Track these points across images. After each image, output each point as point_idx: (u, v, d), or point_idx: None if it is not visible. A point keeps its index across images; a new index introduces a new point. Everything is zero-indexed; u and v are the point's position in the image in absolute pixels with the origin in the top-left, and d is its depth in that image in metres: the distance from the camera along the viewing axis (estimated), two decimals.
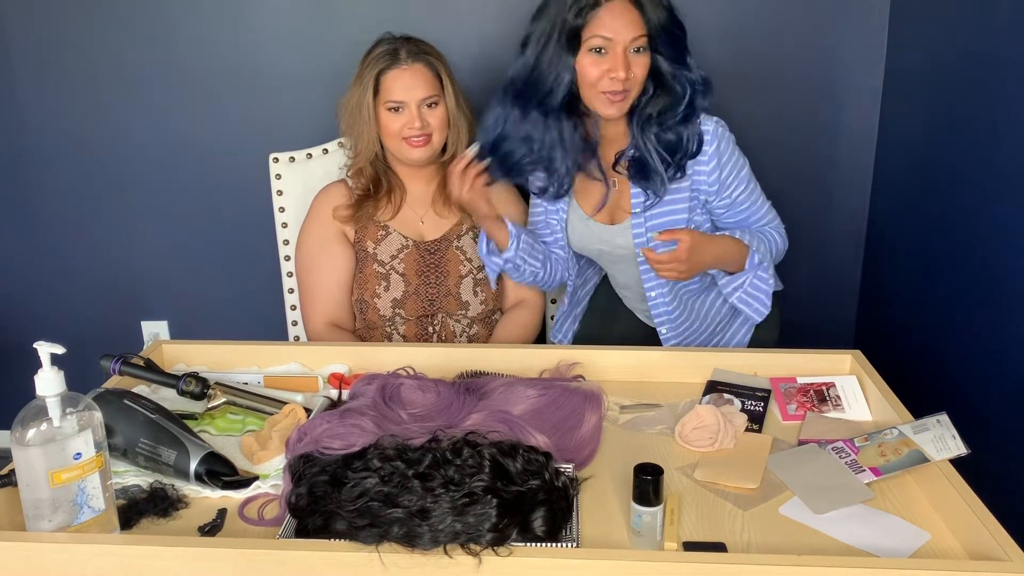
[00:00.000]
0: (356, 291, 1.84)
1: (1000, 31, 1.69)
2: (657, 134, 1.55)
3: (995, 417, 1.68)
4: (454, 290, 1.83)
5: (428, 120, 1.75)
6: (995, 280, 1.70)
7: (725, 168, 1.61)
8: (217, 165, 2.39)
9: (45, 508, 1.03)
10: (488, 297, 1.85)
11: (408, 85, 1.73)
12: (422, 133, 1.74)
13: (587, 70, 1.51)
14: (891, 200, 2.23)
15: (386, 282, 1.81)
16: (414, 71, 1.74)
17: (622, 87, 1.50)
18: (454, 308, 1.83)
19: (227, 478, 1.18)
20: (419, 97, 1.73)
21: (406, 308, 1.81)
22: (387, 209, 1.84)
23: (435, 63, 1.77)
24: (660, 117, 1.55)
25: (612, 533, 1.10)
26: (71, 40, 2.30)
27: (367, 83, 1.74)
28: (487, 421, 1.24)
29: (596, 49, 1.49)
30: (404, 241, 1.83)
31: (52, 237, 2.49)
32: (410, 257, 1.82)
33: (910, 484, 1.19)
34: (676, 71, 1.52)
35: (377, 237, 1.83)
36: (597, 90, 1.51)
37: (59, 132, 2.39)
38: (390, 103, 1.73)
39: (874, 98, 2.25)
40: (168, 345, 1.59)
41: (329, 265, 1.84)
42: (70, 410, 1.03)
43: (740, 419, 1.33)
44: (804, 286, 2.29)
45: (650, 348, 1.57)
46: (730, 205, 1.64)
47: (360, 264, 1.84)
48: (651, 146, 1.56)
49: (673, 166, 1.57)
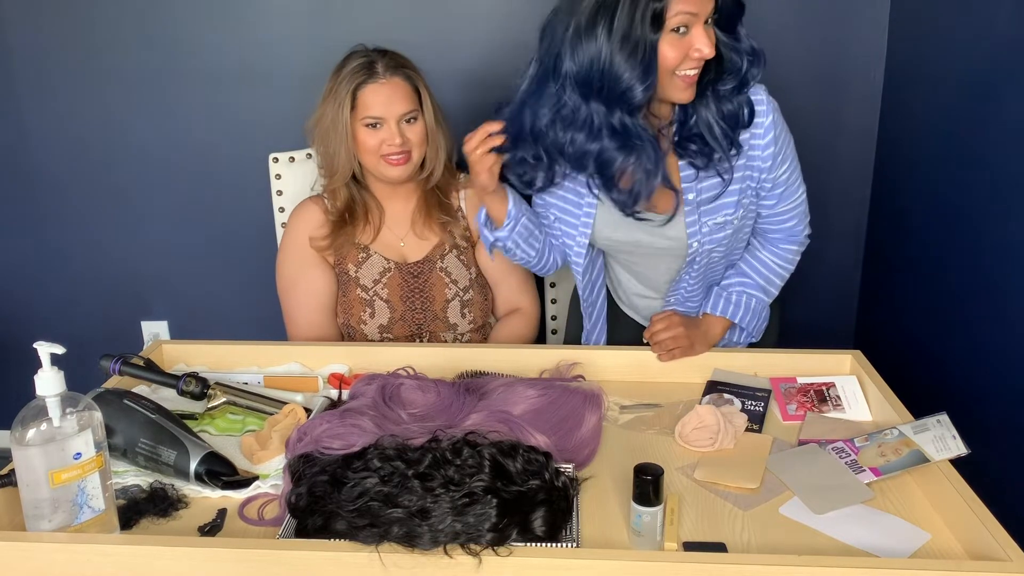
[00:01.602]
0: (342, 315, 1.80)
1: (1000, 31, 1.69)
2: (716, 108, 1.43)
3: (995, 417, 1.68)
4: (441, 314, 1.79)
5: (407, 136, 1.70)
6: (995, 280, 1.70)
7: (780, 139, 1.49)
8: (217, 165, 2.39)
9: (45, 508, 1.03)
10: (476, 316, 1.82)
11: (387, 100, 1.67)
12: (402, 150, 1.69)
13: (667, 54, 1.33)
14: (891, 200, 2.23)
15: (371, 308, 1.77)
16: (392, 85, 1.68)
17: (699, 64, 1.35)
18: (442, 330, 1.80)
19: (227, 478, 1.18)
20: (398, 112, 1.68)
21: (393, 332, 1.79)
22: (366, 231, 1.79)
23: (413, 76, 1.72)
24: (715, 91, 1.43)
25: (612, 533, 1.10)
26: (72, 40, 2.31)
27: (343, 99, 1.68)
28: (487, 421, 1.24)
29: (677, 29, 1.32)
30: (386, 264, 1.78)
31: (52, 237, 2.49)
32: (393, 281, 1.78)
33: (910, 484, 1.19)
34: (731, 42, 1.39)
35: (358, 260, 1.78)
36: (675, 75, 1.36)
37: (59, 132, 2.39)
38: (368, 119, 1.68)
39: (874, 98, 2.25)
40: (168, 345, 1.59)
41: (308, 290, 1.78)
42: (70, 410, 1.03)
43: (740, 419, 1.33)
44: (804, 286, 2.29)
45: (650, 348, 1.57)
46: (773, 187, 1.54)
47: (343, 287, 1.79)
48: (712, 119, 1.43)
49: (730, 140, 1.46)
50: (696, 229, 1.53)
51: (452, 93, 1.81)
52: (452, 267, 1.81)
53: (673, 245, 1.57)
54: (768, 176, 1.52)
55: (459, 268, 1.81)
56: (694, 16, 1.32)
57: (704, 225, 1.53)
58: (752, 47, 1.42)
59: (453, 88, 1.95)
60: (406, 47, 1.78)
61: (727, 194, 1.51)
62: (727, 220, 1.53)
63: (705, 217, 1.53)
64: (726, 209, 1.52)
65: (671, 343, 1.52)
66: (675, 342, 1.52)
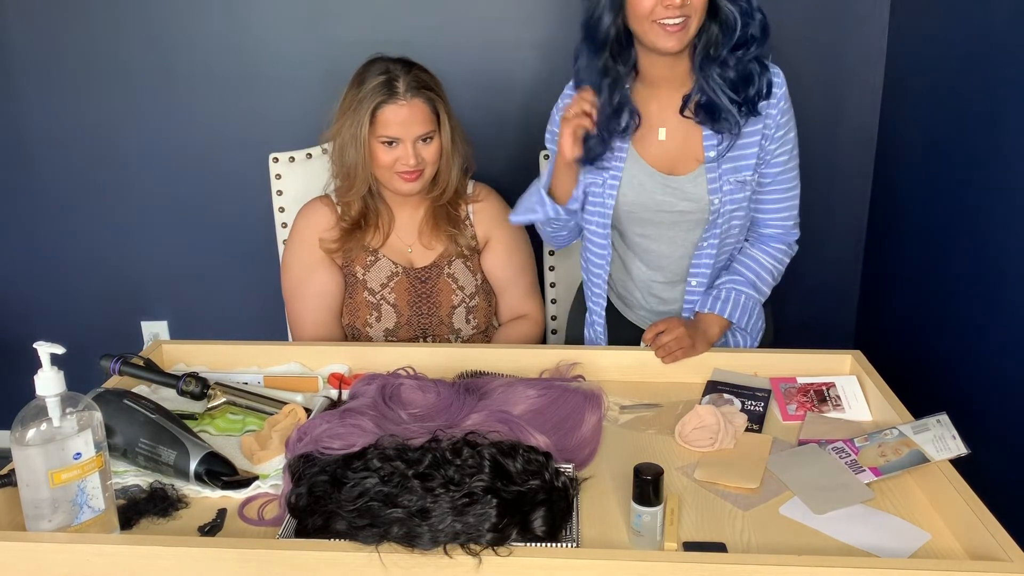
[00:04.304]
0: (347, 316, 1.80)
1: (1000, 30, 1.69)
2: (720, 73, 1.49)
3: (995, 417, 1.68)
4: (447, 320, 1.80)
5: (422, 155, 1.69)
6: (995, 280, 1.70)
7: (786, 114, 1.56)
8: (217, 165, 2.39)
9: (45, 508, 1.03)
10: (480, 321, 1.83)
11: (405, 121, 1.66)
12: (415, 169, 1.69)
13: (641, 2, 1.41)
14: (891, 200, 2.23)
15: (377, 312, 1.77)
16: (412, 107, 1.66)
17: (679, 14, 1.41)
18: (446, 334, 1.81)
19: (227, 478, 1.18)
20: (415, 134, 1.67)
21: (399, 336, 1.79)
22: (376, 236, 1.79)
23: (434, 98, 1.69)
24: (719, 53, 1.48)
25: (612, 533, 1.10)
26: (71, 40, 2.31)
27: (363, 118, 1.66)
28: (487, 421, 1.24)
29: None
30: (394, 268, 1.78)
31: (52, 237, 2.49)
32: (400, 285, 1.78)
33: (910, 484, 1.19)
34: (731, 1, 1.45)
35: (366, 263, 1.78)
36: (651, 21, 1.42)
37: (59, 132, 2.39)
38: (384, 137, 1.67)
39: (874, 98, 2.25)
40: (168, 345, 1.59)
41: (316, 292, 1.78)
42: (70, 410, 1.03)
43: (740, 419, 1.33)
44: (804, 286, 2.30)
45: (650, 348, 1.57)
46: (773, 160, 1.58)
47: (350, 289, 1.79)
48: (714, 85, 1.49)
49: (743, 104, 1.51)
50: (717, 187, 1.56)
51: (452, 93, 1.81)
52: (459, 273, 1.81)
53: (694, 207, 1.59)
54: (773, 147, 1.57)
55: (466, 274, 1.81)
56: None
57: (726, 183, 1.56)
58: (749, 7, 1.46)
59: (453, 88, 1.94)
60: (406, 47, 1.78)
61: (746, 155, 1.56)
62: (746, 180, 1.57)
63: (726, 175, 1.56)
64: (746, 170, 1.56)
65: (674, 344, 1.52)
66: (678, 343, 1.53)
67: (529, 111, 2.25)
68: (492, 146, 2.18)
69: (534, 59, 2.25)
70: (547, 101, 1.74)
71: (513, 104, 2.29)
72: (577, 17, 1.54)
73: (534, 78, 2.26)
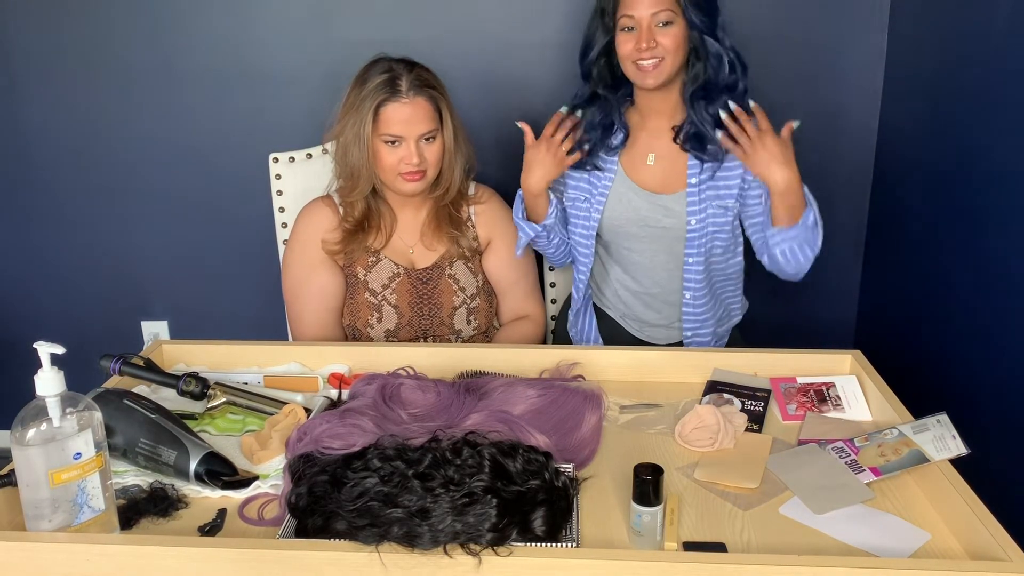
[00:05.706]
0: (348, 317, 1.80)
1: (1000, 30, 1.69)
2: (706, 106, 1.66)
3: (995, 417, 1.68)
4: (448, 320, 1.80)
5: (425, 155, 1.69)
6: (995, 280, 1.70)
7: None
8: (217, 165, 2.39)
9: (45, 508, 1.03)
10: (481, 323, 1.83)
11: (408, 119, 1.67)
12: (418, 169, 1.69)
13: (621, 46, 1.65)
14: (891, 200, 2.23)
15: (379, 313, 1.77)
16: (415, 105, 1.67)
17: (651, 55, 1.61)
18: (447, 334, 1.81)
19: (227, 478, 1.18)
20: (418, 132, 1.67)
21: (399, 337, 1.79)
22: (378, 237, 1.79)
23: (436, 96, 1.70)
24: (705, 89, 1.66)
25: (612, 533, 1.10)
26: (71, 39, 2.31)
27: (365, 116, 1.66)
28: (487, 421, 1.24)
29: (626, 28, 1.63)
30: (395, 268, 1.78)
31: (52, 237, 2.49)
32: (402, 286, 1.78)
33: (910, 484, 1.19)
34: (708, 41, 1.63)
35: (368, 264, 1.78)
36: (630, 61, 1.64)
37: (59, 132, 2.39)
38: (387, 136, 1.67)
39: (874, 98, 2.24)
40: (168, 345, 1.59)
41: (317, 293, 1.78)
42: (70, 410, 1.03)
43: (740, 419, 1.33)
44: (804, 286, 2.29)
45: (650, 348, 1.57)
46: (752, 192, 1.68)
47: (351, 290, 1.79)
48: (703, 117, 1.66)
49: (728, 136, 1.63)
50: (696, 208, 1.69)
51: (454, 94, 1.81)
52: (460, 274, 1.81)
53: (674, 224, 1.71)
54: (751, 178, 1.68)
55: (467, 275, 1.81)
56: (633, 19, 1.60)
57: (709, 207, 1.69)
58: (721, 52, 1.63)
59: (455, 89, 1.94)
60: (406, 47, 1.78)
61: (729, 185, 1.69)
62: (728, 207, 1.69)
63: (708, 201, 1.69)
64: (728, 198, 1.70)
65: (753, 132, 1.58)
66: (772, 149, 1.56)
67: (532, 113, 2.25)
68: (494, 147, 2.18)
69: (537, 61, 2.25)
70: (551, 103, 1.75)
71: (515, 106, 2.28)
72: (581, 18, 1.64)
73: (537, 80, 2.26)
